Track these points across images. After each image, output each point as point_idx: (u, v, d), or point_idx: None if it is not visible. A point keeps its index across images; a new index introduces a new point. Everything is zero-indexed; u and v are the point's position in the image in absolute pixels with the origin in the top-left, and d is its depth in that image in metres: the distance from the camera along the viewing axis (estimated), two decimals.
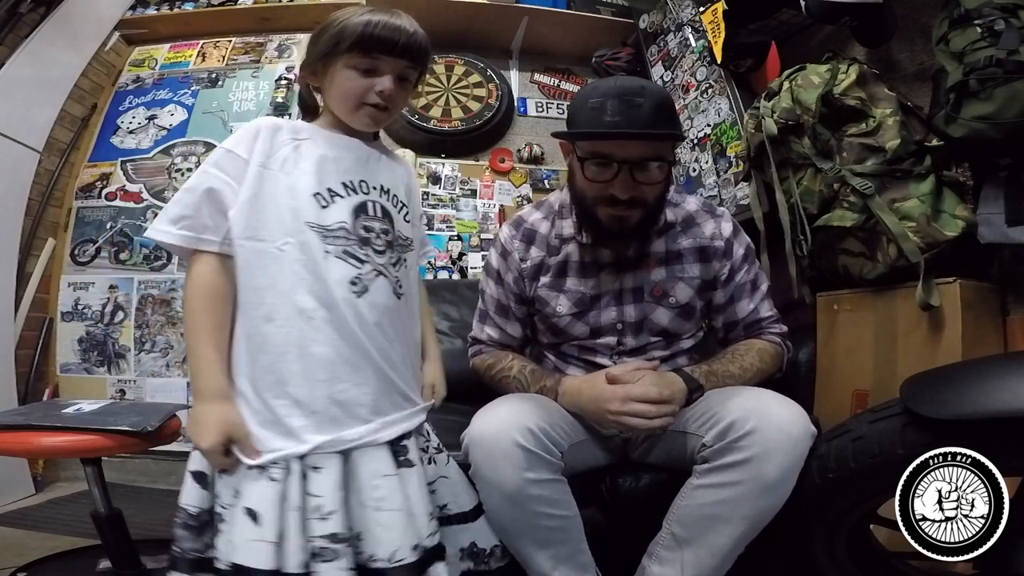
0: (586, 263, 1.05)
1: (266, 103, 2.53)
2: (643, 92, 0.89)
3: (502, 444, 0.85)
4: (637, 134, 0.90)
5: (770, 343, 1.06)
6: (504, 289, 1.11)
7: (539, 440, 0.86)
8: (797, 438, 0.82)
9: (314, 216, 0.79)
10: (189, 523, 0.74)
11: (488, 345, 1.17)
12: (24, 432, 1.03)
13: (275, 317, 0.77)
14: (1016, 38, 1.00)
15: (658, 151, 0.92)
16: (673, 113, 0.95)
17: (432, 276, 2.36)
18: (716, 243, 1.05)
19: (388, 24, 0.83)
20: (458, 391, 1.41)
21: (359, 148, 0.87)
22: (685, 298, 1.04)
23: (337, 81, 0.84)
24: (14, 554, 1.36)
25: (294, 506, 0.71)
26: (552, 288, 1.06)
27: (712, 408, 0.89)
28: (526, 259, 1.09)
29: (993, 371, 0.74)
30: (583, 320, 1.05)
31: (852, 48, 1.51)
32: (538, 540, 0.88)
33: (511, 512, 0.86)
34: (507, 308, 1.12)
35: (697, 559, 0.85)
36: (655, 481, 0.99)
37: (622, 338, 1.05)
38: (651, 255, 1.04)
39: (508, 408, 0.92)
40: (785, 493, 0.83)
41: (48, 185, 2.27)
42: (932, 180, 1.14)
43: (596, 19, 2.50)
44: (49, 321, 2.25)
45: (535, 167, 2.55)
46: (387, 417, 0.80)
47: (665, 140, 0.94)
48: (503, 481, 0.84)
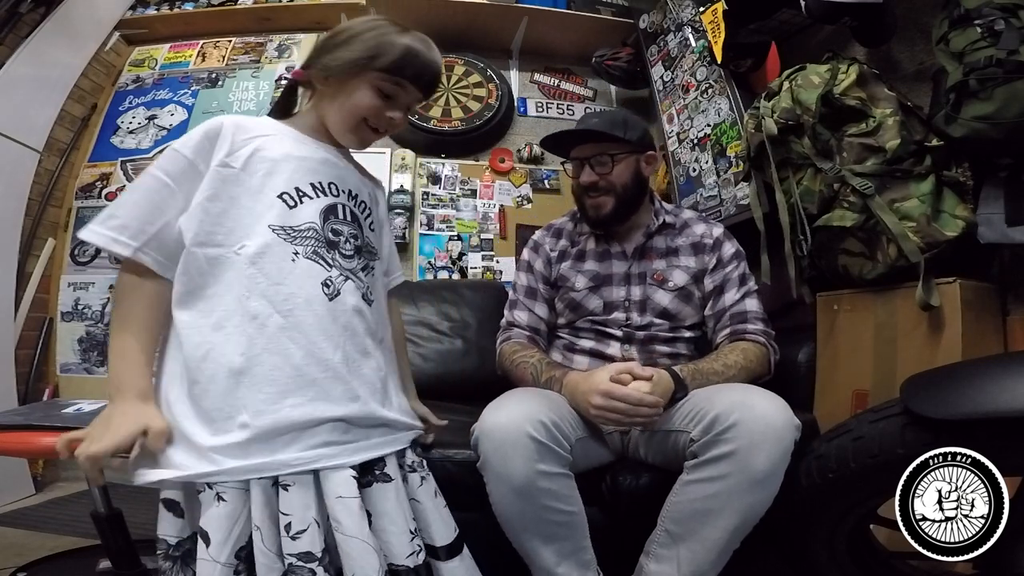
0: (600, 251, 1.26)
1: (266, 103, 2.53)
2: (600, 114, 1.22)
3: (513, 435, 0.86)
4: (580, 132, 1.19)
5: (754, 343, 1.10)
6: (534, 275, 1.29)
7: (550, 432, 0.87)
8: (781, 429, 0.83)
9: (279, 218, 0.75)
10: (171, 554, 0.70)
11: (518, 328, 1.25)
12: (24, 432, 1.02)
13: (225, 325, 0.71)
14: (1016, 38, 1.00)
15: (605, 148, 1.17)
16: (624, 125, 1.18)
17: (432, 276, 2.36)
18: (706, 240, 1.23)
19: (426, 57, 0.82)
20: (458, 391, 1.42)
21: (328, 151, 0.84)
22: (681, 282, 1.19)
23: (352, 94, 0.80)
24: (14, 554, 1.36)
25: (255, 526, 0.67)
26: (572, 268, 1.25)
27: (699, 404, 0.91)
28: (555, 248, 1.30)
29: (993, 371, 0.74)
30: (597, 294, 1.21)
31: (852, 48, 1.51)
32: (544, 535, 0.89)
33: (519, 505, 0.87)
34: (535, 291, 1.28)
35: (692, 554, 0.86)
36: (655, 480, 1.00)
37: (629, 314, 1.19)
38: (653, 249, 1.23)
39: (519, 401, 0.93)
40: (775, 485, 0.84)
41: (48, 185, 2.27)
42: (932, 180, 1.14)
43: (596, 19, 2.50)
44: (49, 321, 2.25)
45: (535, 167, 2.55)
46: (348, 439, 0.73)
47: (608, 141, 1.16)
48: (513, 473, 0.85)
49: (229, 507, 0.67)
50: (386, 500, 0.75)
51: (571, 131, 1.20)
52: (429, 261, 2.39)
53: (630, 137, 1.17)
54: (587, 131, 1.18)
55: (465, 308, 1.64)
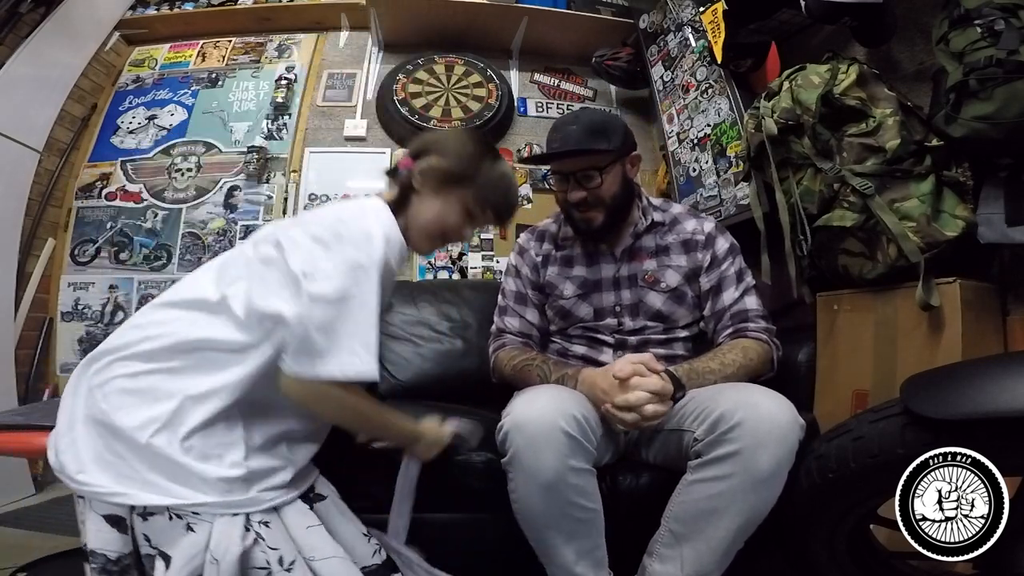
0: (588, 254, 1.22)
1: (266, 103, 2.54)
2: (577, 120, 1.13)
3: (546, 429, 0.85)
4: (565, 152, 1.11)
5: (756, 340, 1.09)
6: (521, 280, 1.26)
7: (581, 427, 0.87)
8: (786, 429, 0.83)
9: None
10: (109, 568, 0.72)
11: (510, 335, 1.23)
12: (24, 432, 1.02)
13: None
14: (1016, 38, 1.00)
15: (590, 162, 1.11)
16: (605, 132, 1.12)
17: (432, 276, 2.36)
18: (697, 236, 1.19)
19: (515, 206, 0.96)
20: (458, 391, 1.42)
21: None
22: (674, 283, 1.16)
23: (448, 212, 0.89)
24: (14, 554, 1.36)
25: (212, 559, 0.70)
26: (560, 274, 1.22)
27: (702, 404, 0.91)
28: (539, 252, 1.26)
29: (993, 371, 0.74)
30: (587, 301, 1.18)
31: (852, 48, 1.51)
32: (566, 532, 0.88)
33: (546, 501, 0.86)
34: (525, 296, 1.25)
35: (696, 554, 0.86)
36: (655, 480, 1.00)
37: (621, 319, 1.16)
38: (643, 249, 1.19)
39: (548, 396, 0.92)
40: (778, 485, 0.84)
41: (48, 185, 2.28)
42: (932, 180, 1.14)
43: (596, 19, 2.51)
44: (49, 321, 2.25)
45: (535, 167, 2.55)
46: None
47: (595, 154, 1.10)
48: (544, 468, 0.84)
49: (197, 537, 0.71)
50: (331, 516, 0.82)
51: (550, 154, 1.14)
52: (429, 261, 2.38)
53: (614, 145, 1.12)
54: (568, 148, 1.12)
55: (465, 308, 1.64)
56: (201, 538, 0.70)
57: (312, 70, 2.62)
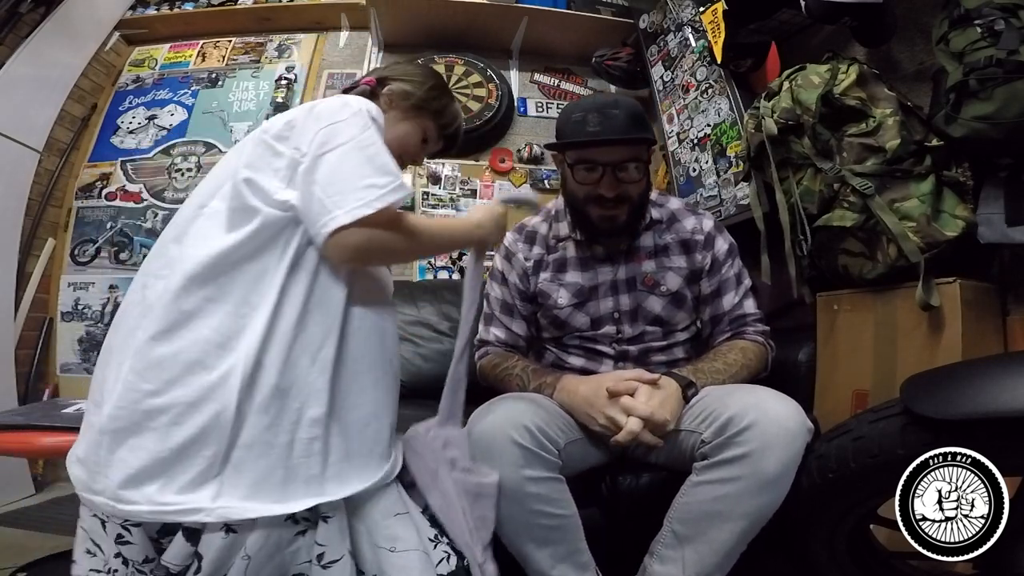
0: (582, 258, 1.15)
1: (266, 103, 2.53)
2: (617, 104, 1.03)
3: (498, 442, 0.85)
4: (616, 140, 1.02)
5: (753, 342, 1.10)
6: (508, 289, 1.19)
7: (535, 438, 0.86)
8: (795, 433, 0.83)
9: None
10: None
11: (494, 346, 1.19)
12: (24, 432, 1.02)
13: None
14: (1016, 38, 1.00)
15: (634, 153, 1.04)
16: (645, 121, 1.06)
17: (432, 276, 2.36)
18: (697, 236, 1.15)
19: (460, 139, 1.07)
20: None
21: None
22: (675, 286, 1.12)
23: (411, 135, 0.96)
24: (14, 554, 1.36)
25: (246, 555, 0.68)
26: (552, 281, 1.15)
27: (710, 405, 0.90)
28: (529, 257, 1.18)
29: (993, 371, 0.74)
30: (583, 310, 1.12)
31: (852, 48, 1.51)
32: (536, 539, 0.88)
33: (508, 510, 0.86)
34: (512, 307, 1.19)
35: (699, 556, 0.85)
36: (655, 480, 1.00)
37: (620, 327, 1.12)
38: (641, 249, 1.14)
39: (504, 407, 0.92)
40: (784, 488, 0.83)
41: (48, 185, 2.28)
42: (932, 180, 1.14)
43: (596, 19, 2.50)
44: (49, 321, 2.25)
45: (535, 167, 2.55)
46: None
47: (639, 144, 1.05)
48: (501, 479, 0.84)
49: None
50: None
51: (599, 140, 1.01)
52: (429, 261, 2.39)
53: (652, 133, 1.06)
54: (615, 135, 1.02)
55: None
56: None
57: (312, 70, 2.62)
